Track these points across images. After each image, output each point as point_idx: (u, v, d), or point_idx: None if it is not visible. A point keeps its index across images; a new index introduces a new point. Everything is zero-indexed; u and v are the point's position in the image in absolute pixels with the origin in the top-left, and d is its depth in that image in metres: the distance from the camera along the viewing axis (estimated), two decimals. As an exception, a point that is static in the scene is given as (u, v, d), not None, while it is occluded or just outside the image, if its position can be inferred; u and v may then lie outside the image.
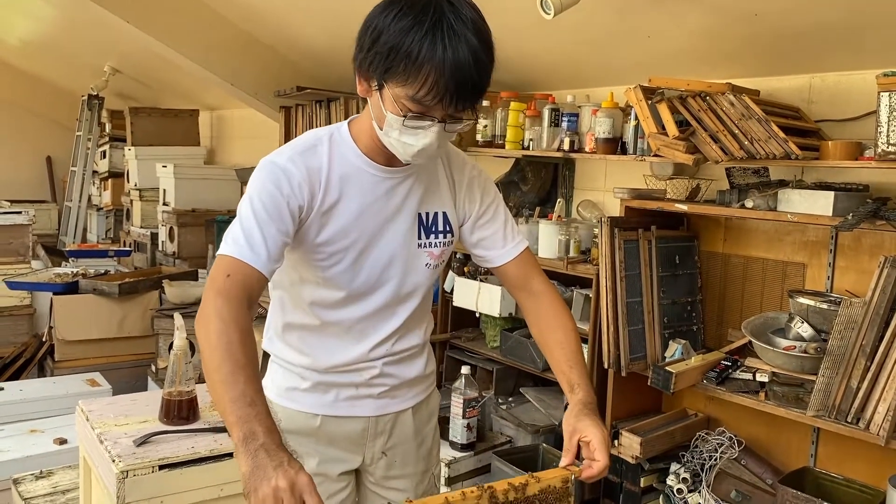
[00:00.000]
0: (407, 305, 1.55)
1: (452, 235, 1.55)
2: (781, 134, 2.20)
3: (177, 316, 1.98)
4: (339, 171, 1.42)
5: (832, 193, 2.24)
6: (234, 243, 1.30)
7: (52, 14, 5.61)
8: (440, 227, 1.52)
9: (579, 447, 1.41)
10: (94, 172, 6.97)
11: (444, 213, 1.53)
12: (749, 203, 2.44)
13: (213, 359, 1.17)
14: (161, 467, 1.75)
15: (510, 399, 3.29)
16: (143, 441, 1.81)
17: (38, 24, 6.17)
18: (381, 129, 1.36)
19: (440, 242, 1.53)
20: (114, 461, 1.74)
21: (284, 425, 1.50)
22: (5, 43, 7.15)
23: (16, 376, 4.17)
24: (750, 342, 2.54)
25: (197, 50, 4.35)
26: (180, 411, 1.96)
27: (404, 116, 1.29)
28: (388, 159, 1.44)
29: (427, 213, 1.51)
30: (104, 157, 6.87)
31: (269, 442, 1.07)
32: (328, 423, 1.57)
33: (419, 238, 1.50)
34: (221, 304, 1.22)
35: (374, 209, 1.45)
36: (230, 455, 1.85)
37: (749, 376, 2.48)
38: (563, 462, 1.40)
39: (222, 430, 1.93)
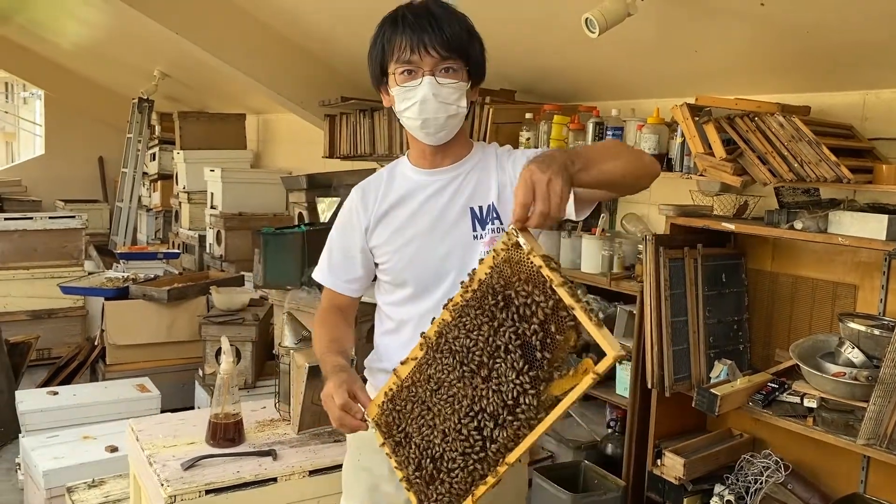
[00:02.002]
0: None
1: (502, 224, 1.58)
2: (833, 157, 2.15)
3: (224, 340, 2.02)
4: (394, 183, 1.63)
5: (886, 217, 2.18)
6: (318, 266, 1.70)
7: (104, 21, 5.74)
8: (492, 217, 1.59)
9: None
10: (144, 174, 7.12)
11: (492, 204, 1.59)
12: (798, 224, 2.38)
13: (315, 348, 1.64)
14: (207, 492, 1.79)
15: (552, 413, 3.27)
16: (191, 465, 1.85)
17: (91, 29, 6.31)
18: (398, 112, 1.55)
19: (493, 229, 1.58)
20: (162, 485, 1.78)
21: (356, 438, 1.68)
22: (60, 47, 7.34)
23: (70, 378, 4.30)
24: (798, 366, 2.49)
25: (243, 59, 4.41)
26: (226, 433, 1.99)
27: (398, 83, 1.50)
28: (433, 162, 1.59)
29: (480, 207, 1.58)
30: (154, 159, 7.01)
31: (332, 371, 1.47)
32: None
33: (474, 230, 1.57)
34: (318, 313, 1.69)
35: (425, 208, 1.58)
36: (274, 480, 1.89)
37: (797, 400, 2.44)
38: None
39: (267, 453, 1.97)
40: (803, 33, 2.35)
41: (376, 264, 1.65)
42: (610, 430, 3.07)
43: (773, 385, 2.50)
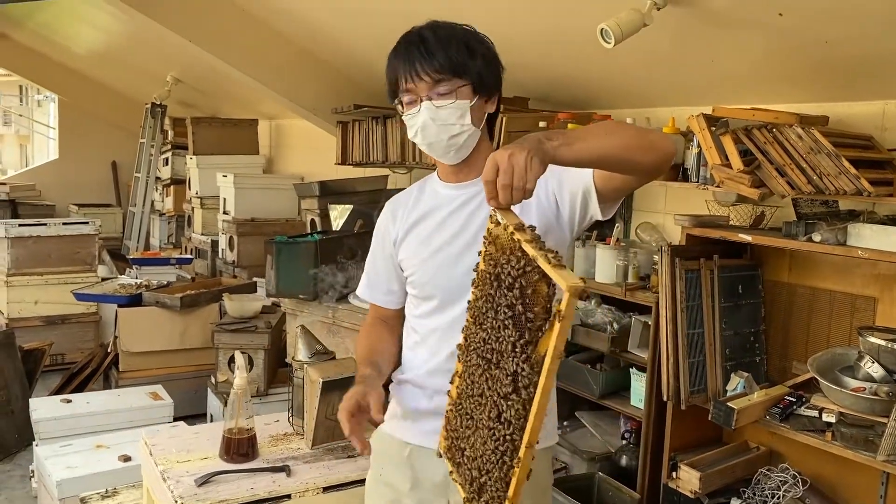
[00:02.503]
0: None
1: None
2: (853, 170, 2.12)
3: (238, 356, 2.01)
4: (423, 197, 1.66)
5: (906, 230, 2.15)
6: (360, 282, 1.79)
7: (117, 27, 5.75)
8: None
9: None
10: (157, 179, 7.14)
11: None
12: (817, 237, 2.35)
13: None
14: (221, 509, 1.78)
15: (565, 423, 3.25)
16: (205, 481, 1.85)
17: (104, 35, 6.34)
18: (410, 139, 1.58)
19: None
20: (176, 502, 1.77)
21: (380, 451, 1.69)
22: (73, 52, 7.37)
23: (83, 385, 4.31)
24: (816, 379, 2.45)
25: (256, 66, 4.42)
26: (240, 448, 1.98)
27: (403, 113, 1.55)
28: (458, 177, 1.60)
29: None
30: (166, 164, 7.03)
31: (356, 382, 1.55)
32: (416, 456, 1.62)
33: None
34: (362, 328, 1.79)
35: (449, 221, 1.59)
36: (288, 496, 1.88)
37: (815, 414, 2.41)
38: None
39: (280, 469, 1.96)
40: (822, 43, 2.32)
41: (406, 277, 1.67)
42: (624, 442, 3.04)
43: (790, 398, 2.47)
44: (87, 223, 5.25)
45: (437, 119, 1.51)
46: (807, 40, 2.34)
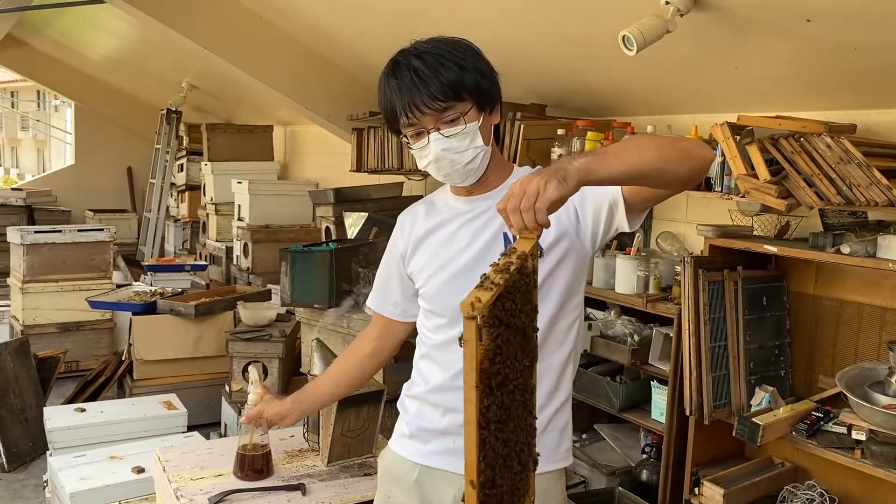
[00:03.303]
0: None
1: (539, 249, 1.50)
2: (884, 180, 2.06)
3: (252, 370, 1.97)
4: (435, 210, 1.63)
5: (939, 242, 2.08)
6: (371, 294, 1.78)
7: (133, 34, 5.77)
8: None
9: None
10: (172, 185, 7.15)
11: None
12: (846, 248, 2.29)
13: None
14: (235, 529, 1.74)
15: (584, 436, 3.20)
16: (219, 500, 1.81)
17: (121, 41, 6.35)
18: (420, 168, 1.54)
19: None
20: (189, 521, 1.73)
21: (387, 472, 1.67)
22: (89, 59, 7.40)
23: (98, 393, 4.29)
24: (844, 395, 2.39)
25: (271, 73, 4.40)
26: (254, 465, 1.94)
27: (411, 145, 1.50)
28: (470, 191, 1.56)
29: None
30: (181, 170, 7.04)
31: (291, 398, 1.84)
32: (425, 478, 1.58)
33: None
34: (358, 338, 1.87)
35: (459, 234, 1.55)
36: (303, 516, 1.84)
37: (843, 430, 2.34)
38: None
39: (295, 487, 1.92)
40: (851, 50, 2.26)
41: (417, 290, 1.64)
42: (645, 456, 2.98)
43: (817, 414, 2.41)
44: (102, 230, 5.24)
45: (449, 149, 1.47)
46: (835, 47, 2.28)
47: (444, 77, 1.43)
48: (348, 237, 3.99)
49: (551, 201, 1.17)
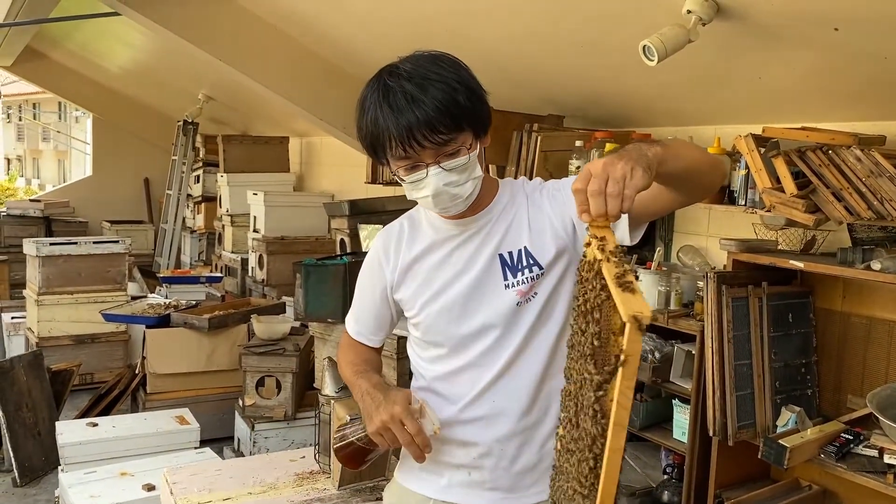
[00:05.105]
0: (506, 346, 1.44)
1: (539, 268, 1.43)
2: (918, 195, 1.98)
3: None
4: (420, 231, 1.51)
5: (976, 259, 2.00)
6: (349, 313, 1.64)
7: (151, 46, 5.77)
8: (524, 263, 1.45)
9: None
10: (189, 196, 7.14)
11: (525, 248, 1.44)
12: (876, 265, 2.20)
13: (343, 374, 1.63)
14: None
15: (604, 455, 3.11)
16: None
17: (138, 53, 6.37)
18: (409, 198, 1.44)
19: (526, 278, 1.43)
20: (195, 547, 1.68)
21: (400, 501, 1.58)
22: (108, 71, 7.43)
23: (111, 406, 4.26)
24: (875, 416, 2.30)
25: (286, 84, 4.38)
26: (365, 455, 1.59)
27: (402, 177, 1.38)
28: (461, 214, 1.45)
29: (510, 253, 1.44)
30: (198, 181, 7.03)
31: (371, 388, 1.45)
32: None
33: (505, 279, 1.43)
34: (341, 345, 1.68)
35: (452, 259, 1.46)
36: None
37: (874, 454, 2.26)
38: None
39: (305, 512, 1.86)
40: (880, 59, 2.18)
41: (408, 319, 1.54)
42: (666, 477, 2.89)
43: (846, 436, 2.33)
44: (117, 241, 5.22)
45: (450, 183, 1.36)
46: (864, 56, 2.20)
47: (442, 101, 1.32)
48: (363, 250, 3.93)
49: (638, 189, 1.10)
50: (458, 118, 1.34)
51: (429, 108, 1.31)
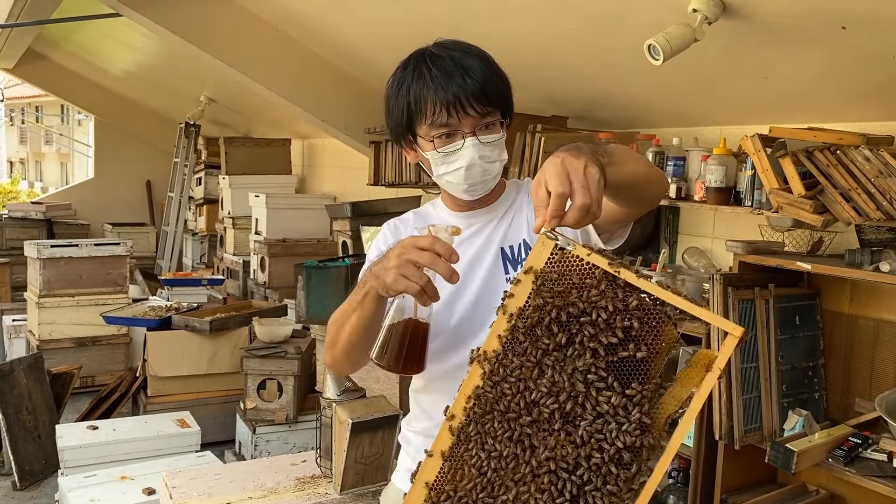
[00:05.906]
0: None
1: None
2: (928, 195, 1.95)
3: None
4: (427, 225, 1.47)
5: None
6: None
7: (152, 47, 5.76)
8: (524, 257, 1.45)
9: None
10: (190, 198, 7.13)
11: (523, 242, 1.46)
12: (885, 266, 2.17)
13: (336, 320, 1.44)
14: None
15: (608, 458, 3.08)
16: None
17: (140, 55, 6.35)
18: (435, 177, 1.42)
19: None
20: (194, 553, 1.66)
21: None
22: (109, 73, 7.42)
23: (112, 409, 4.24)
24: (884, 420, 2.27)
25: (288, 86, 4.36)
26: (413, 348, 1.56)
27: (435, 147, 1.36)
28: (469, 205, 1.47)
29: (511, 247, 1.45)
30: (199, 183, 7.02)
31: (367, 270, 1.36)
32: None
33: (507, 273, 1.44)
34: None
35: (459, 251, 1.39)
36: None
37: (883, 458, 2.23)
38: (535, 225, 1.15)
39: (306, 517, 1.84)
40: (888, 58, 2.15)
41: None
42: (671, 481, 2.86)
43: (855, 440, 2.29)
44: (118, 244, 5.21)
45: (484, 157, 1.37)
46: (871, 55, 2.17)
47: (489, 78, 1.35)
48: (365, 252, 3.92)
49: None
50: (501, 93, 1.37)
51: (478, 76, 1.34)
